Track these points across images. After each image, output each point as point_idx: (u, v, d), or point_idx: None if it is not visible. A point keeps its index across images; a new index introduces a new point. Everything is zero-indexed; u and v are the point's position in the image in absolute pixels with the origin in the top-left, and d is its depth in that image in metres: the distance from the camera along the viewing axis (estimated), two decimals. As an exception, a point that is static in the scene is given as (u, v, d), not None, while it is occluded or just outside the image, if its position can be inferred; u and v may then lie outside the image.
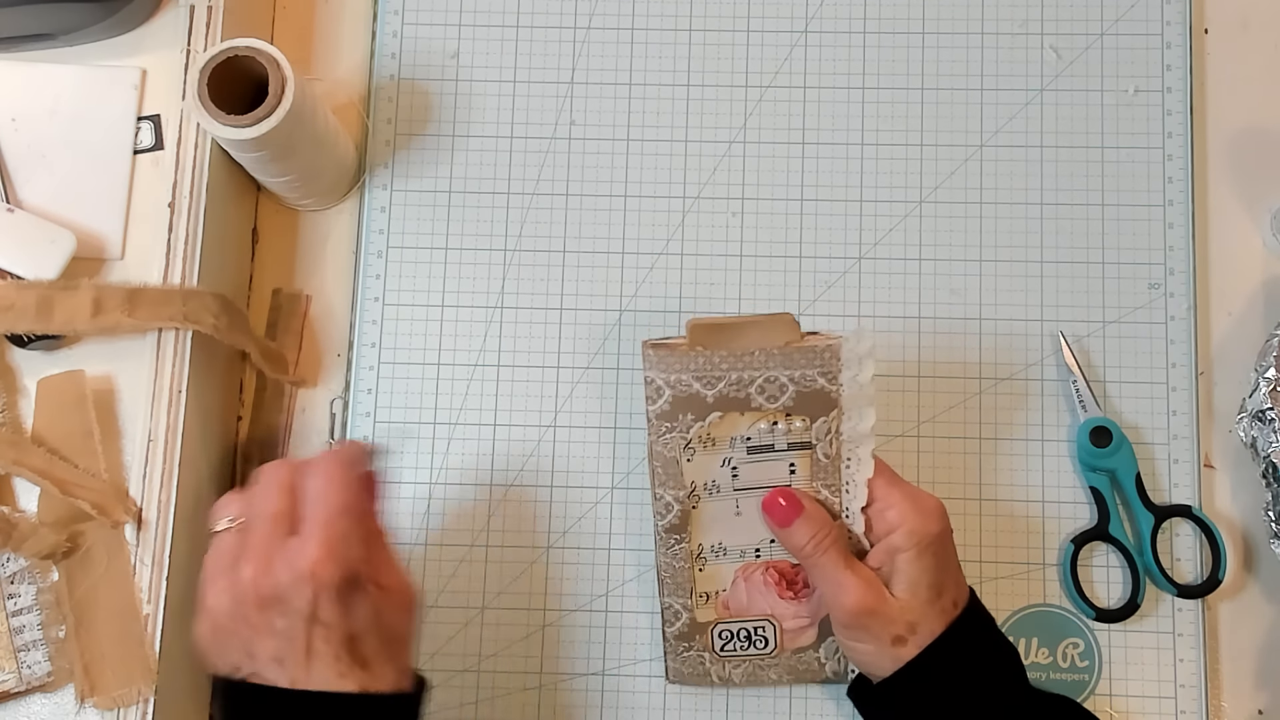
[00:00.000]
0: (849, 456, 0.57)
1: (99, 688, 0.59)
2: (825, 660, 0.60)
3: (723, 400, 0.56)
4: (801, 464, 0.57)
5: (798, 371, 0.56)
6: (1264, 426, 0.61)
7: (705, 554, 0.59)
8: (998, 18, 0.70)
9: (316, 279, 0.70)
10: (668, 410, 0.57)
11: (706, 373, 0.56)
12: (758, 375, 0.56)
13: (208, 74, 0.59)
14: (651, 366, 0.56)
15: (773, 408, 0.56)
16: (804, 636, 0.60)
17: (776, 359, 0.56)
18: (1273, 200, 0.69)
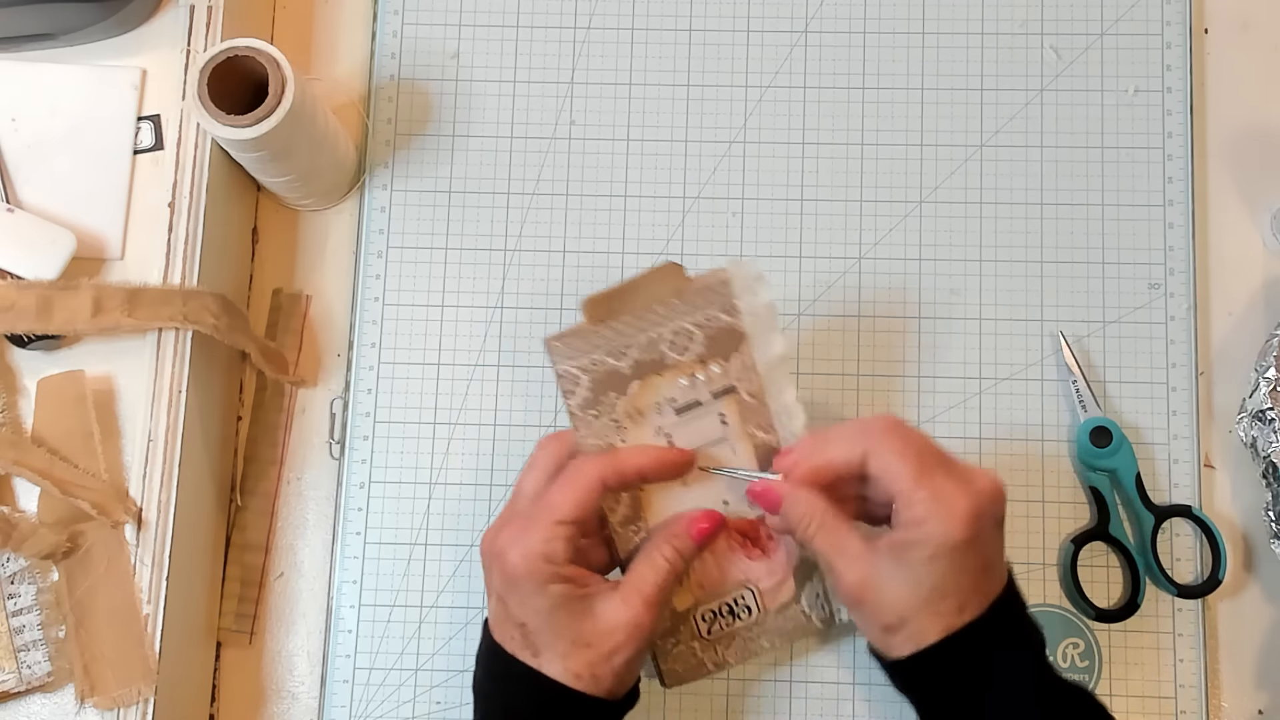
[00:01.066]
0: (770, 386, 0.56)
1: (99, 688, 0.59)
2: (809, 610, 0.58)
3: (639, 366, 0.55)
4: (730, 411, 0.56)
5: (700, 314, 0.55)
6: (1264, 426, 0.61)
7: None
8: (998, 18, 0.70)
9: (316, 279, 0.70)
10: (589, 396, 0.55)
11: (615, 343, 0.55)
12: (664, 329, 0.55)
13: (208, 74, 0.59)
14: (560, 359, 0.55)
15: (687, 359, 0.55)
16: (784, 591, 0.58)
17: (677, 308, 0.55)
18: (1273, 200, 0.69)
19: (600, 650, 0.52)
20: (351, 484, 0.67)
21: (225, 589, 0.67)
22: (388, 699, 0.65)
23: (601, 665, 0.52)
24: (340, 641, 0.65)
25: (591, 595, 0.53)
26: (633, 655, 0.52)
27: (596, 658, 0.52)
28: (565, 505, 0.53)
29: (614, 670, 0.52)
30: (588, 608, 0.52)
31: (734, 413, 0.56)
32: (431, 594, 0.66)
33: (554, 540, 0.52)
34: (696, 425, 0.56)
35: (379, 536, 0.66)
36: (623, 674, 0.53)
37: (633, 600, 0.52)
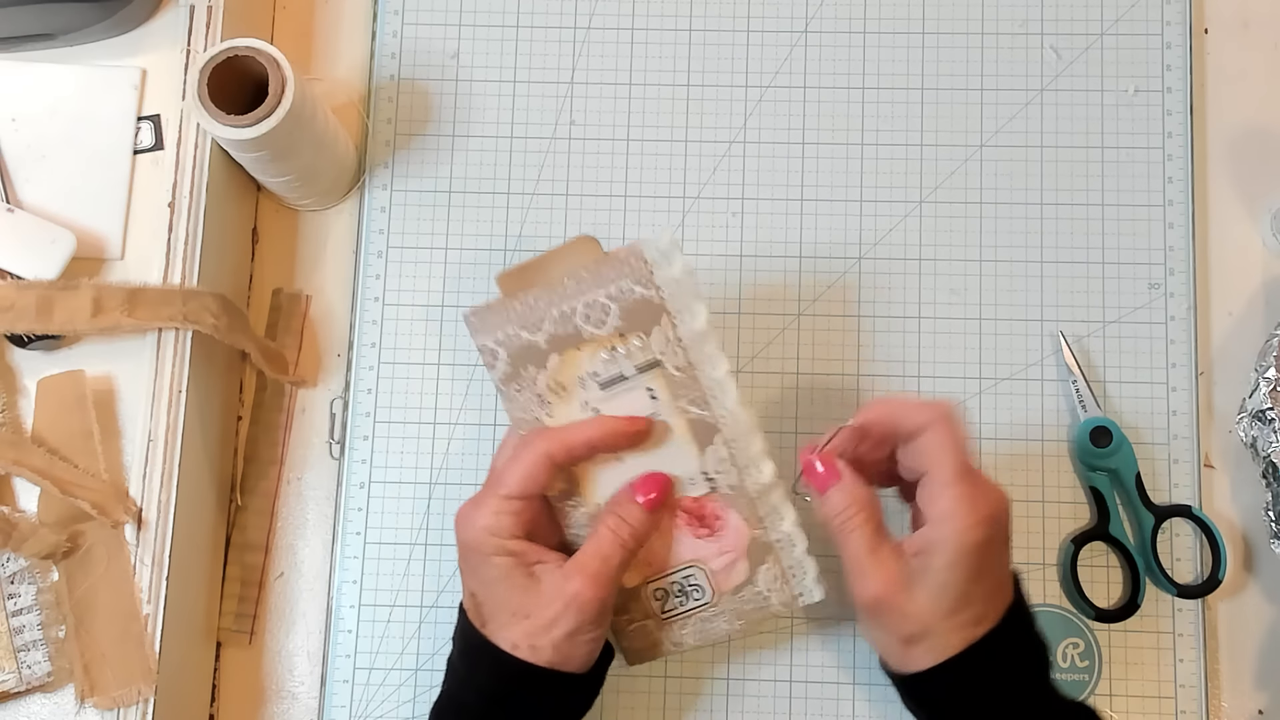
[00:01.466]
0: (698, 361, 0.55)
1: (99, 688, 0.59)
2: (768, 593, 0.57)
3: (555, 340, 0.55)
4: (658, 385, 0.55)
5: (612, 286, 0.54)
6: (1264, 426, 0.61)
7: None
8: (998, 18, 0.70)
9: (316, 279, 0.70)
10: (510, 371, 0.55)
11: (528, 317, 0.55)
12: (577, 303, 0.54)
13: (208, 74, 0.59)
14: (477, 332, 0.55)
15: (604, 332, 0.54)
16: (736, 572, 0.57)
17: (588, 280, 0.54)
18: (1273, 200, 0.69)
19: (538, 621, 0.53)
20: (351, 484, 0.67)
21: (225, 589, 0.67)
22: (388, 699, 0.65)
23: (539, 636, 0.52)
24: (340, 641, 0.65)
25: (537, 568, 0.53)
26: (573, 628, 0.52)
27: (534, 628, 0.53)
28: (511, 480, 0.53)
29: (553, 642, 0.52)
30: (531, 580, 0.53)
31: (663, 387, 0.55)
32: (431, 594, 0.66)
33: (500, 514, 0.53)
34: (624, 399, 0.55)
35: (379, 536, 0.66)
36: (564, 646, 0.53)
37: (572, 573, 0.53)
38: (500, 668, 0.53)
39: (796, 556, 0.57)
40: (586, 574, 0.53)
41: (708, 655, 0.65)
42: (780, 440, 0.66)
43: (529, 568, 0.54)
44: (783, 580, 0.57)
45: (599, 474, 0.56)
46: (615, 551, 0.53)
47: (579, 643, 0.53)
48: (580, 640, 0.53)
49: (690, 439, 0.56)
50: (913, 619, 0.51)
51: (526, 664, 0.53)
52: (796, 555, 0.57)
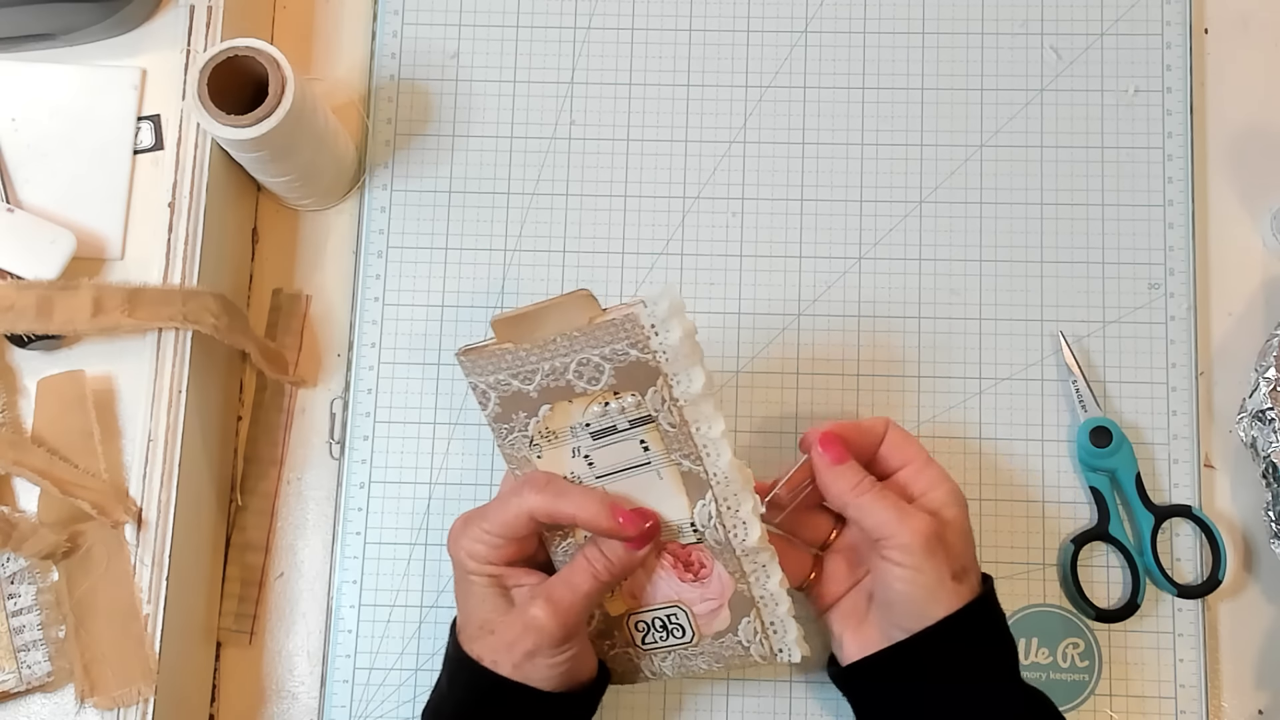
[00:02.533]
0: (694, 420, 0.54)
1: (99, 688, 0.59)
2: (747, 644, 0.58)
3: (546, 392, 0.54)
4: (651, 438, 0.54)
5: (606, 348, 0.53)
6: (1264, 426, 0.61)
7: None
8: (998, 18, 0.70)
9: (316, 279, 0.70)
10: (500, 412, 0.55)
11: (520, 369, 0.53)
12: (570, 361, 0.53)
13: (208, 74, 0.59)
14: (469, 373, 0.54)
15: (597, 389, 0.54)
16: (718, 620, 0.57)
17: (581, 340, 0.52)
18: (1273, 200, 0.69)
19: (500, 639, 0.54)
20: (351, 484, 0.67)
21: (225, 589, 0.67)
22: (388, 699, 0.65)
23: (500, 653, 0.54)
24: (340, 641, 0.65)
25: (514, 591, 0.55)
26: (531, 650, 0.53)
27: (496, 645, 0.54)
28: (493, 520, 0.54)
29: (512, 661, 0.53)
30: (504, 600, 0.55)
31: (656, 440, 0.54)
32: (431, 594, 0.66)
33: (478, 543, 0.55)
34: (617, 449, 0.55)
35: (379, 536, 0.66)
36: (524, 666, 0.53)
37: (537, 596, 0.54)
38: (473, 678, 0.54)
39: (779, 615, 0.57)
40: (550, 601, 0.53)
41: (708, 655, 0.65)
42: (780, 440, 0.66)
43: (506, 589, 0.55)
44: (763, 635, 0.58)
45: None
46: (585, 581, 0.54)
47: (538, 665, 0.53)
48: (540, 663, 0.53)
49: (681, 490, 0.55)
50: (956, 556, 0.55)
51: (496, 676, 0.54)
52: (780, 614, 0.57)
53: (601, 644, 0.59)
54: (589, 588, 0.54)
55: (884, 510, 0.54)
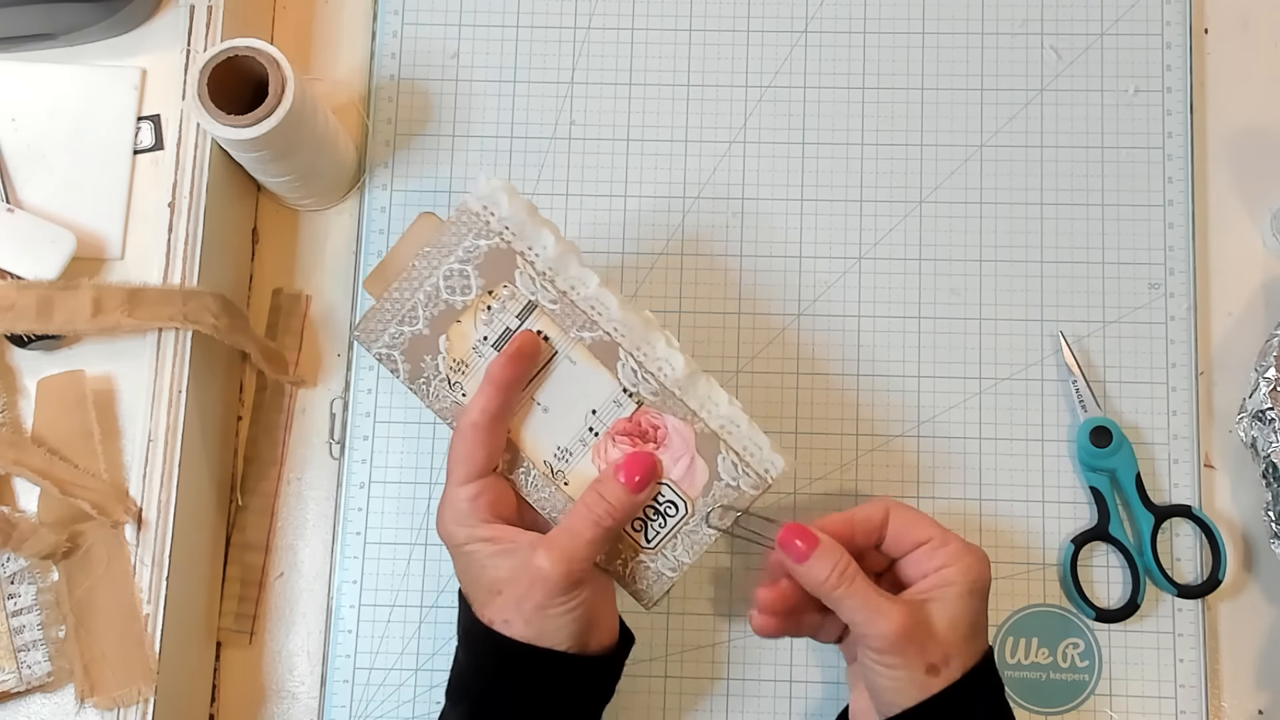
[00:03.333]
0: (568, 286, 0.55)
1: (99, 688, 0.59)
2: (735, 481, 0.56)
3: (435, 322, 0.55)
4: (544, 324, 0.55)
5: (458, 249, 0.55)
6: (1264, 426, 0.61)
7: (556, 468, 0.57)
8: (998, 18, 0.70)
9: (316, 279, 0.70)
10: (410, 367, 0.56)
11: (401, 310, 0.55)
12: (435, 278, 0.55)
13: (208, 74, 0.59)
14: (368, 344, 0.56)
15: (473, 297, 0.55)
16: (697, 473, 0.56)
17: (434, 254, 0.55)
18: (1273, 200, 0.69)
19: (509, 596, 0.53)
20: (351, 484, 0.67)
21: (225, 589, 0.67)
22: (388, 699, 0.65)
23: (511, 610, 0.53)
24: (340, 641, 0.65)
25: (509, 547, 0.54)
26: (541, 601, 0.53)
27: (505, 603, 0.53)
28: (456, 469, 0.54)
29: (524, 616, 0.53)
30: (503, 559, 0.54)
31: (550, 325, 0.55)
32: (431, 594, 0.66)
33: (458, 504, 0.54)
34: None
35: (379, 536, 0.66)
36: (535, 620, 0.53)
37: (537, 545, 0.53)
38: (489, 646, 0.54)
39: (745, 434, 0.56)
40: (553, 548, 0.53)
41: (708, 655, 0.65)
42: (781, 440, 0.66)
43: (501, 548, 0.54)
44: (743, 465, 0.56)
45: (531, 432, 0.56)
46: (586, 527, 0.54)
47: (550, 616, 0.53)
48: (551, 614, 0.53)
49: (597, 363, 0.55)
50: (935, 649, 0.53)
51: (509, 639, 0.53)
52: (744, 433, 0.56)
53: (615, 566, 0.57)
54: (591, 534, 0.54)
55: (856, 608, 0.53)
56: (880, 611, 0.53)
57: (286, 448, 0.68)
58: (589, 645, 0.55)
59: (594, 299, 0.55)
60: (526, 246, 0.55)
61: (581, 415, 0.56)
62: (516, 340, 0.55)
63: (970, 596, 0.54)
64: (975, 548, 0.55)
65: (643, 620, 0.65)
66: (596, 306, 0.55)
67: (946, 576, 0.54)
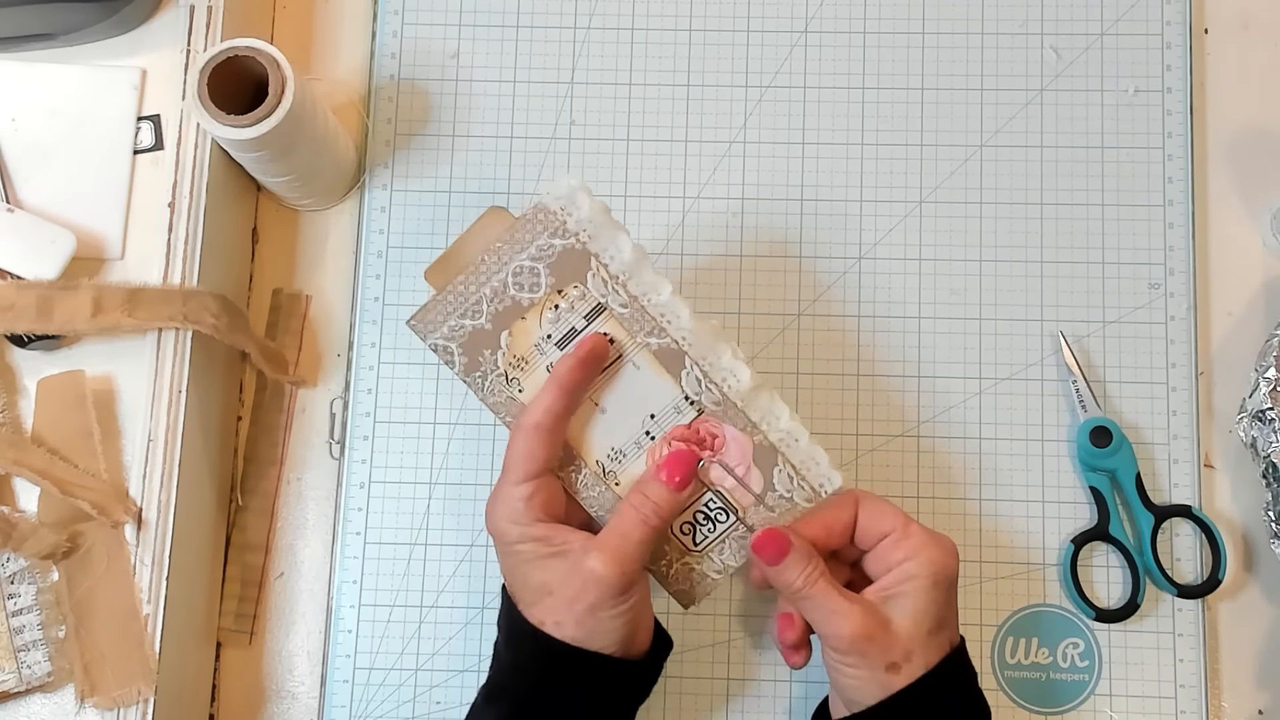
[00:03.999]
0: (641, 291, 0.54)
1: (99, 688, 0.59)
2: (789, 493, 0.56)
3: (498, 318, 0.55)
4: (611, 328, 0.55)
5: (532, 247, 0.54)
6: (1264, 426, 0.61)
7: (608, 467, 0.57)
8: (998, 18, 0.70)
9: (316, 279, 0.70)
10: (468, 362, 0.56)
11: (465, 304, 0.55)
12: (505, 274, 0.55)
13: (208, 74, 0.59)
14: (425, 334, 0.56)
15: (542, 294, 0.55)
16: (753, 484, 0.56)
17: (505, 250, 0.55)
18: (1273, 200, 0.69)
19: (560, 597, 0.53)
20: (351, 484, 0.67)
21: (225, 589, 0.67)
22: (388, 699, 0.65)
23: (562, 611, 0.53)
24: (340, 641, 0.65)
25: (560, 550, 0.54)
26: (594, 603, 0.52)
27: (556, 604, 0.53)
28: (514, 466, 0.54)
29: (575, 618, 0.53)
30: (555, 560, 0.54)
31: (616, 328, 0.55)
32: (431, 594, 0.66)
33: (513, 502, 0.54)
34: None
35: (379, 536, 0.66)
36: (586, 622, 0.53)
37: (590, 548, 0.53)
38: (536, 646, 0.54)
39: (804, 449, 0.56)
40: (605, 550, 0.53)
41: (708, 655, 0.65)
42: (780, 440, 0.66)
43: (554, 548, 0.54)
44: (799, 478, 0.56)
45: (586, 431, 0.56)
46: (635, 528, 0.54)
47: (601, 619, 0.53)
48: (602, 616, 0.53)
49: (661, 370, 0.55)
50: (899, 643, 0.53)
51: (558, 641, 0.53)
52: (803, 448, 0.56)
53: (659, 567, 0.58)
54: (640, 534, 0.54)
55: (815, 608, 0.54)
56: (839, 612, 0.53)
57: (286, 448, 0.68)
58: (632, 648, 0.55)
59: (665, 306, 0.55)
60: (602, 249, 0.54)
61: (639, 419, 0.56)
62: (587, 344, 0.54)
63: (933, 590, 0.53)
64: (940, 537, 0.55)
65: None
66: (667, 314, 0.55)
67: (908, 570, 0.54)
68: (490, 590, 0.66)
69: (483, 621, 0.65)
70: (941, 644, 0.54)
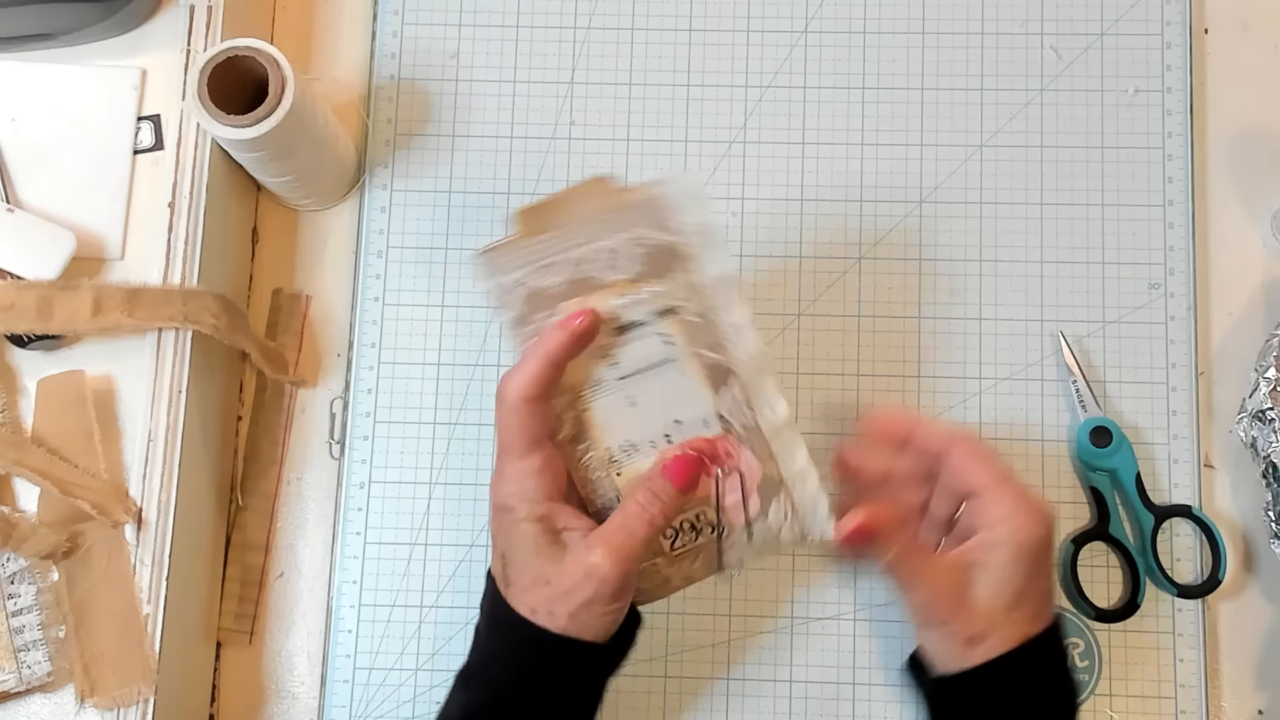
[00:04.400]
0: (719, 305, 0.54)
1: (99, 688, 0.59)
2: (777, 527, 0.56)
3: (570, 286, 0.54)
4: (676, 330, 0.54)
5: (630, 231, 0.53)
6: (1264, 426, 0.61)
7: (617, 456, 0.56)
8: (998, 18, 0.70)
9: (316, 279, 0.70)
10: (520, 314, 0.54)
11: (543, 260, 0.54)
12: (595, 247, 0.53)
13: (208, 74, 0.59)
14: (490, 273, 0.54)
15: (620, 278, 0.54)
16: (750, 507, 0.56)
17: (604, 224, 0.53)
18: (1273, 200, 0.69)
19: (557, 589, 0.52)
20: (351, 484, 0.67)
21: (225, 589, 0.67)
22: (388, 699, 0.65)
23: (557, 603, 0.52)
24: (340, 641, 0.65)
25: (564, 535, 0.53)
26: (590, 599, 0.52)
27: (552, 595, 0.52)
28: (514, 441, 0.53)
29: (569, 610, 0.52)
30: (556, 547, 0.53)
31: (680, 332, 0.54)
32: (431, 594, 0.66)
33: (524, 478, 0.53)
34: (639, 346, 0.55)
35: (379, 536, 0.66)
36: (580, 615, 0.52)
37: (595, 544, 0.52)
38: (524, 635, 0.53)
39: (809, 492, 0.56)
40: (610, 546, 0.52)
41: (708, 655, 0.65)
42: (780, 440, 0.66)
43: (556, 534, 0.53)
44: (793, 516, 0.56)
45: (608, 416, 0.55)
46: (641, 527, 0.53)
47: (595, 614, 0.52)
48: (597, 611, 0.52)
49: (704, 382, 0.55)
50: (978, 618, 0.51)
51: (547, 631, 0.52)
52: (809, 490, 0.56)
53: None
54: (645, 534, 0.53)
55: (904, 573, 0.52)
56: (924, 581, 0.51)
57: (286, 448, 0.68)
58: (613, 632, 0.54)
59: (734, 328, 0.54)
60: (697, 258, 0.54)
61: (665, 421, 0.56)
62: (586, 320, 0.53)
63: (1016, 562, 0.51)
64: (1032, 502, 0.51)
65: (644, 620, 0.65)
66: (732, 336, 0.55)
67: (995, 536, 0.51)
68: (490, 590, 0.66)
69: (483, 621, 0.65)
70: (1024, 621, 0.52)
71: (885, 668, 0.65)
